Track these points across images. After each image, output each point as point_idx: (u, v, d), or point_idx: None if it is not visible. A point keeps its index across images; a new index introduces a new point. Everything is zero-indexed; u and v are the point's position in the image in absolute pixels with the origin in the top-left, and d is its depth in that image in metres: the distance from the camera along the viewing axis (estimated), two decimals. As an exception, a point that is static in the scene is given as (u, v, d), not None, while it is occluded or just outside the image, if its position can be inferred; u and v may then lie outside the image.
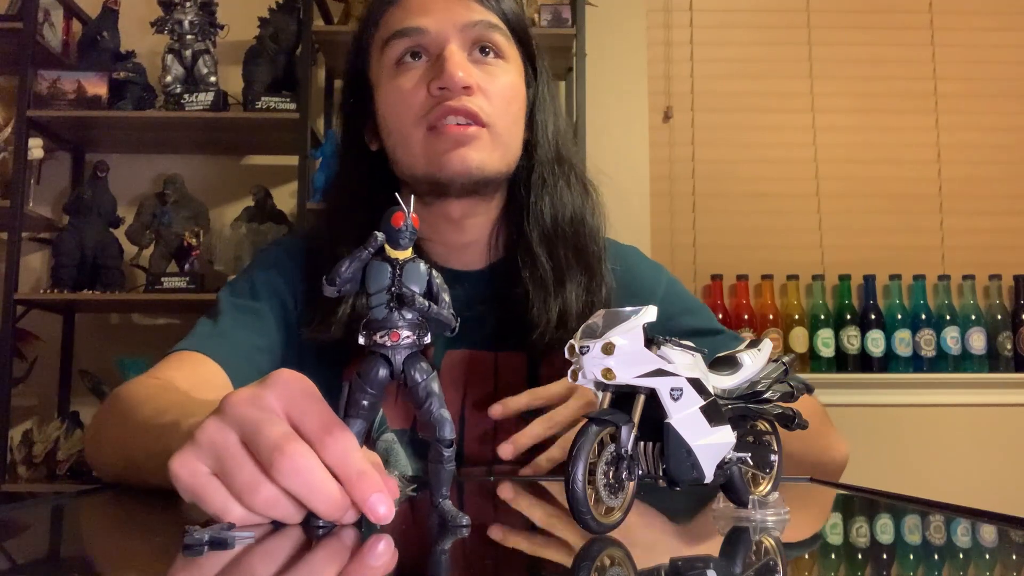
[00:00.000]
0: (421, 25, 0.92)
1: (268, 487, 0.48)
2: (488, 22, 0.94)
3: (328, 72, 2.54)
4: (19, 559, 0.50)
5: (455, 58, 0.90)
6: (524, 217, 0.97)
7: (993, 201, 2.63)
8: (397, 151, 0.95)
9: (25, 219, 2.25)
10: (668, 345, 0.47)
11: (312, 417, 0.51)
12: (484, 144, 0.92)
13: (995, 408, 2.47)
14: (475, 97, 0.91)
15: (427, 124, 0.92)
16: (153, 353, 2.27)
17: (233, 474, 0.49)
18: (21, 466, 2.21)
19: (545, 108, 1.00)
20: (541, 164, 0.98)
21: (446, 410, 0.55)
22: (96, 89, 2.31)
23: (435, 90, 0.91)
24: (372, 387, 0.52)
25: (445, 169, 0.91)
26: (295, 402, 0.52)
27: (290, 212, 2.40)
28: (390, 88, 0.94)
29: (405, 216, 0.50)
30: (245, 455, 0.50)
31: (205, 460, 0.50)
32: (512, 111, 0.95)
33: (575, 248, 0.97)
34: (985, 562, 0.51)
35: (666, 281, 1.08)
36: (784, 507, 0.53)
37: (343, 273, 0.50)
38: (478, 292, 0.98)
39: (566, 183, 0.99)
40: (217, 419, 0.51)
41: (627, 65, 2.60)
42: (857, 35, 2.70)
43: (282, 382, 0.53)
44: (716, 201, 2.63)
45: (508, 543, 0.51)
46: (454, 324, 0.53)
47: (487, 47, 0.94)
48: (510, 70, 0.96)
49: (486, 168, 0.92)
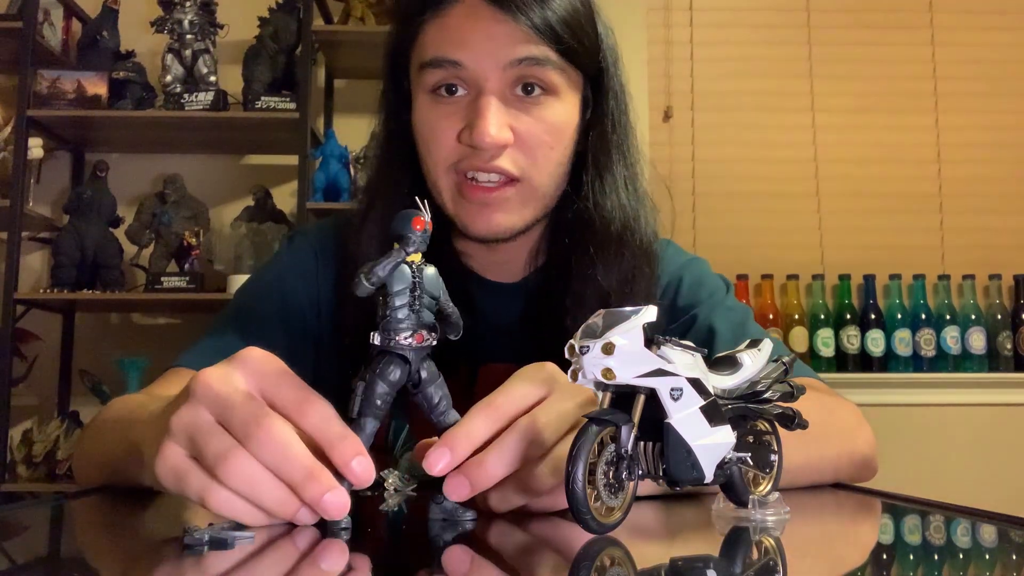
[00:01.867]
0: (459, 59, 0.82)
1: (242, 457, 0.48)
2: (534, 59, 0.82)
3: (328, 71, 2.54)
4: (19, 559, 0.50)
5: (489, 115, 0.81)
6: (572, 241, 0.89)
7: (993, 201, 2.63)
8: (428, 180, 0.88)
9: (25, 219, 2.25)
10: (668, 345, 0.47)
11: (287, 390, 0.51)
12: (514, 204, 0.85)
13: (995, 408, 2.47)
14: (509, 151, 0.83)
15: (456, 173, 0.85)
16: (153, 353, 2.29)
17: (205, 447, 0.49)
18: (21, 466, 2.21)
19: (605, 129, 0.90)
20: (595, 187, 0.89)
21: (455, 412, 0.56)
22: (96, 89, 2.31)
23: (467, 142, 0.82)
24: (389, 387, 0.53)
25: (471, 229, 0.86)
26: (267, 378, 0.52)
27: (290, 212, 2.40)
28: (423, 119, 0.86)
29: (424, 221, 0.52)
30: (219, 430, 0.50)
31: (181, 444, 0.51)
32: (554, 156, 0.86)
33: (619, 262, 0.88)
34: (985, 562, 0.51)
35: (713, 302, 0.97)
36: (784, 507, 0.53)
37: (381, 273, 0.51)
38: (515, 305, 0.93)
39: (620, 201, 0.89)
40: (190, 403, 0.51)
41: (627, 65, 2.57)
42: (857, 35, 2.70)
43: (252, 359, 0.53)
44: (716, 201, 2.63)
45: (508, 543, 0.51)
46: (461, 328, 0.55)
47: (532, 85, 0.84)
48: (558, 107, 0.85)
49: (516, 228, 0.86)
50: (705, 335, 0.92)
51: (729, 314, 0.95)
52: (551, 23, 0.82)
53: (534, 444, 0.53)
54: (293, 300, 0.93)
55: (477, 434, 0.53)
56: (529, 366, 0.58)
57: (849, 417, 0.87)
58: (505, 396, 0.56)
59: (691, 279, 0.98)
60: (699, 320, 0.93)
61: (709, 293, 0.97)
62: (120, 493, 0.71)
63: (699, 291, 0.97)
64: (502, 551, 0.50)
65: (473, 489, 0.51)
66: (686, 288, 0.97)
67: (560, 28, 0.83)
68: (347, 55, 2.42)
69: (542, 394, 0.56)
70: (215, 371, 0.52)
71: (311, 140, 2.29)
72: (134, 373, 2.25)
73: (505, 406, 0.55)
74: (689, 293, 0.97)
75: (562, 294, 0.88)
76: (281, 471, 0.48)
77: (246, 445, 0.48)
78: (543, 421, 0.54)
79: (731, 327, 0.93)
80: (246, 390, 0.51)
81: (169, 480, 0.51)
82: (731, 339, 0.89)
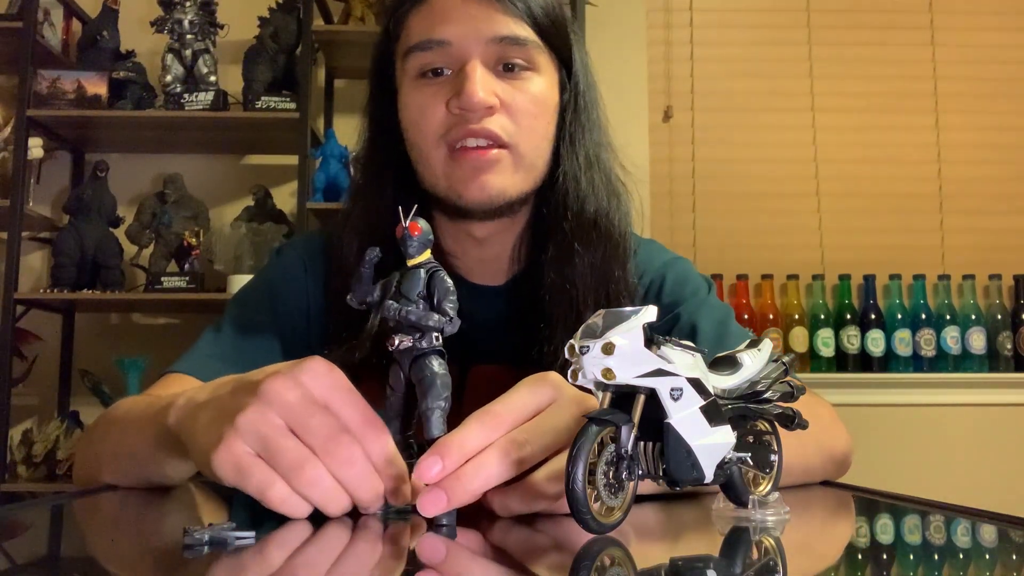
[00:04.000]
0: (443, 37, 0.86)
1: (316, 466, 0.51)
2: (515, 37, 0.86)
3: (328, 71, 2.54)
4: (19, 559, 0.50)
5: (476, 76, 0.84)
6: (549, 229, 0.92)
7: (993, 201, 2.63)
8: (418, 166, 0.90)
9: (25, 219, 2.25)
10: (668, 345, 0.47)
11: (353, 411, 0.53)
12: (505, 167, 0.87)
13: (995, 408, 2.47)
14: (497, 116, 0.86)
15: (447, 145, 0.87)
16: (153, 353, 2.29)
17: (280, 452, 0.51)
18: (21, 466, 2.21)
19: (579, 112, 0.93)
20: (570, 173, 0.92)
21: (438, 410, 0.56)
22: (96, 88, 2.31)
23: (455, 109, 0.85)
24: (396, 388, 0.56)
25: (465, 196, 0.88)
26: (333, 394, 0.54)
27: (290, 212, 2.40)
28: (410, 102, 0.89)
29: (403, 228, 0.53)
30: (293, 437, 0.52)
31: (249, 442, 0.52)
32: (539, 127, 0.89)
33: (597, 245, 0.91)
34: (985, 562, 0.51)
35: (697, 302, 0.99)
36: (784, 507, 0.53)
37: (354, 288, 0.55)
38: (501, 307, 0.95)
39: (595, 189, 0.92)
40: (258, 405, 0.52)
41: (627, 65, 2.60)
42: (857, 35, 2.70)
43: (320, 372, 0.54)
44: (716, 201, 2.63)
45: (508, 543, 0.51)
46: (440, 327, 0.54)
47: (513, 63, 0.88)
48: (539, 80, 0.89)
49: (508, 193, 0.88)
50: (688, 333, 0.93)
51: (712, 312, 0.97)
52: (530, 6, 0.88)
53: (518, 459, 0.52)
54: (284, 307, 0.95)
55: (470, 443, 0.52)
56: (533, 376, 0.58)
57: (827, 416, 0.89)
58: (503, 405, 0.55)
59: (674, 277, 1.00)
60: (682, 318, 0.95)
61: (692, 291, 0.99)
62: (120, 493, 0.71)
63: (682, 289, 0.99)
64: (502, 551, 0.50)
65: (450, 504, 0.50)
66: (669, 286, 0.99)
67: (538, 12, 0.88)
68: (347, 55, 2.42)
69: (543, 403, 0.56)
70: (282, 377, 0.53)
71: (311, 140, 2.29)
72: (134, 373, 2.26)
73: (503, 415, 0.54)
74: (672, 291, 0.98)
75: (541, 295, 0.90)
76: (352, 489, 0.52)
77: (323, 458, 0.51)
78: (528, 435, 0.53)
79: (713, 324, 0.94)
80: (320, 402, 0.53)
81: (228, 471, 0.52)
82: (713, 336, 0.92)
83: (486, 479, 0.51)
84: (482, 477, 0.51)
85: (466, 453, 0.51)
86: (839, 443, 0.87)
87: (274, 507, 0.51)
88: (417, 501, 0.50)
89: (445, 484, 0.50)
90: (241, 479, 0.52)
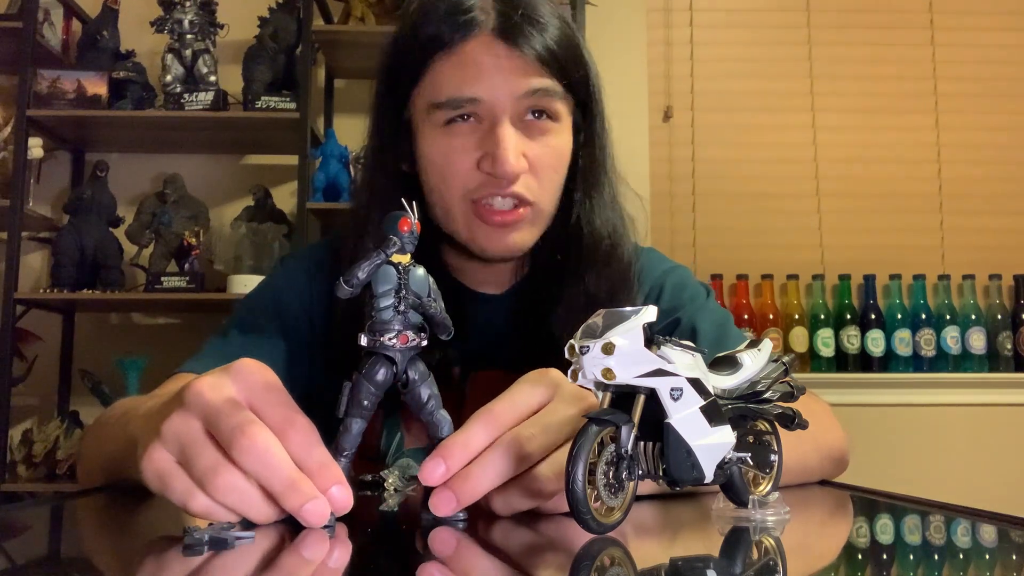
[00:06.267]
0: (475, 95, 0.85)
1: (229, 471, 0.49)
2: (545, 90, 0.86)
3: (328, 71, 2.54)
4: (19, 559, 0.50)
5: (509, 145, 0.84)
6: (558, 245, 0.93)
7: (993, 201, 2.63)
8: (436, 209, 0.90)
9: (25, 219, 2.25)
10: (668, 345, 0.47)
11: (275, 408, 0.52)
12: (526, 224, 0.89)
13: (995, 408, 2.47)
14: (524, 178, 0.87)
15: (472, 199, 0.87)
16: (153, 353, 2.29)
17: (194, 459, 0.50)
18: (21, 466, 2.21)
19: (593, 152, 0.94)
20: (584, 217, 0.93)
21: (444, 411, 0.56)
22: (96, 88, 2.31)
23: (486, 168, 0.86)
24: (375, 387, 0.53)
25: (488, 250, 0.89)
26: (257, 392, 0.53)
27: (290, 212, 2.40)
28: (435, 147, 0.88)
29: (411, 222, 0.52)
30: (207, 441, 0.51)
31: (170, 450, 0.52)
32: (558, 179, 0.91)
33: (606, 275, 0.92)
34: (985, 562, 0.51)
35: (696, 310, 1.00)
36: (784, 507, 0.53)
37: (360, 275, 0.51)
38: (503, 314, 0.96)
39: (600, 208, 0.94)
40: (181, 411, 0.52)
41: (627, 65, 2.60)
42: (857, 35, 2.70)
43: (245, 371, 0.54)
44: (716, 201, 2.63)
45: (508, 542, 0.51)
46: (452, 328, 0.55)
47: (540, 111, 0.88)
48: (560, 132, 0.90)
49: (527, 245, 0.91)
50: (688, 335, 0.94)
51: (711, 315, 0.99)
52: (556, 55, 0.87)
53: (524, 455, 0.52)
54: (288, 313, 0.96)
55: (474, 443, 0.52)
56: (533, 372, 0.58)
57: (825, 415, 0.90)
58: (504, 403, 0.55)
59: (673, 284, 1.02)
60: (683, 322, 0.97)
61: (691, 297, 1.01)
62: (120, 493, 0.71)
63: (681, 295, 1.00)
64: (502, 551, 0.50)
65: (459, 504, 0.51)
66: (668, 292, 1.01)
67: (563, 60, 0.87)
68: (347, 55, 2.42)
69: (543, 400, 0.56)
70: (207, 379, 0.53)
71: (311, 140, 2.29)
72: (134, 373, 2.26)
73: (504, 414, 0.54)
74: (672, 297, 1.00)
75: (549, 303, 0.91)
76: (263, 480, 0.49)
77: (230, 452, 0.49)
78: (535, 430, 0.53)
79: (713, 327, 0.96)
80: (234, 399, 0.52)
81: (153, 481, 0.52)
82: (713, 338, 0.93)
83: (493, 477, 0.52)
84: (489, 475, 0.52)
85: (470, 453, 0.52)
86: (836, 441, 0.88)
87: (200, 516, 0.50)
88: (429, 502, 0.51)
89: (453, 485, 0.51)
90: (164, 489, 0.51)
